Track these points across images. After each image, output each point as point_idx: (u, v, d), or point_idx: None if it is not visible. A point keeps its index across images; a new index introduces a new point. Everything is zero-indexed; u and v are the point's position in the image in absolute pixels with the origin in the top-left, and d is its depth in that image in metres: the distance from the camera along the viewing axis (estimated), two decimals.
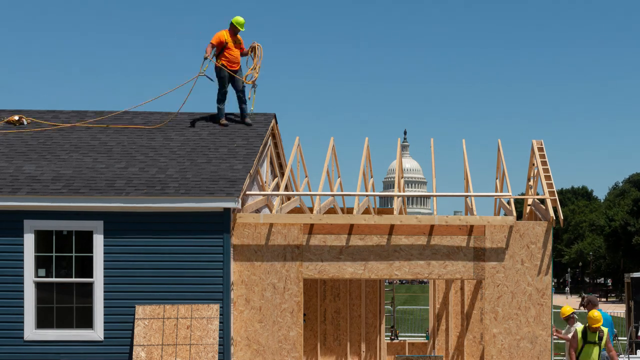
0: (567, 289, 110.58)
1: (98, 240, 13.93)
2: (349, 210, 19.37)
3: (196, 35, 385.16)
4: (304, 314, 17.04)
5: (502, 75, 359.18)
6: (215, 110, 17.19)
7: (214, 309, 13.85)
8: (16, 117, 16.80)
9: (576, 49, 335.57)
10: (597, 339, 14.80)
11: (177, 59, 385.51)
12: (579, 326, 15.32)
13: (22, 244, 13.87)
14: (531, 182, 17.71)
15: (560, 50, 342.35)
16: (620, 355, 19.64)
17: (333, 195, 17.00)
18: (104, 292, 13.91)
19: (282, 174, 18.42)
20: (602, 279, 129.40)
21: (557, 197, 14.95)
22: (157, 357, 13.64)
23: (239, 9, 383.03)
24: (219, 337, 13.89)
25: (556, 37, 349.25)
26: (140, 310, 13.83)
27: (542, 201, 15.36)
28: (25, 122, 16.71)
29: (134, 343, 13.68)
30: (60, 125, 16.63)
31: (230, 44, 16.51)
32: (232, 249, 14.13)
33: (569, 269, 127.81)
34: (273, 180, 18.15)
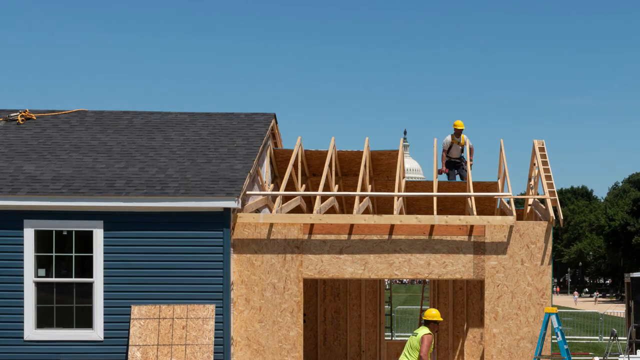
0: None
1: (98, 240, 13.93)
2: (349, 210, 19.38)
3: (196, 34, 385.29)
4: (304, 314, 17.04)
5: (503, 75, 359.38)
6: (218, 110, 17.22)
7: (209, 309, 13.85)
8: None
9: (577, 49, 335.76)
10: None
11: (177, 57, 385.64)
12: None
13: (22, 244, 13.87)
14: (532, 182, 17.72)
15: (561, 50, 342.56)
16: (620, 355, 19.62)
17: (333, 195, 16.99)
18: (104, 292, 13.92)
19: (282, 174, 18.42)
20: (602, 278, 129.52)
21: (557, 197, 14.96)
22: (152, 357, 13.64)
23: (240, 7, 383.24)
24: (219, 337, 13.90)
25: (557, 37, 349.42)
26: (136, 310, 13.84)
27: (542, 201, 15.37)
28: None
29: (130, 343, 13.69)
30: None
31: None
32: (232, 248, 14.13)
33: (568, 269, 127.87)
34: (273, 180, 18.15)
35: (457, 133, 19.74)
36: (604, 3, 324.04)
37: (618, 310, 44.74)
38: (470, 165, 19.06)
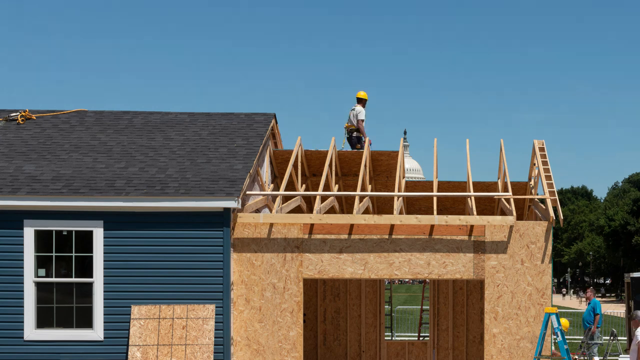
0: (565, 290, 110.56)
1: (98, 240, 13.93)
2: (349, 210, 19.37)
3: (196, 34, 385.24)
4: (304, 314, 17.05)
5: (504, 75, 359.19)
6: (218, 110, 17.22)
7: (209, 309, 13.85)
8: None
9: (577, 50, 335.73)
10: None
11: (177, 57, 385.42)
12: None
13: (22, 244, 13.87)
14: (532, 182, 17.72)
15: (561, 51, 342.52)
16: (621, 355, 19.66)
17: (333, 195, 16.99)
18: (104, 292, 13.92)
19: (282, 174, 18.42)
20: (602, 278, 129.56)
21: (557, 197, 14.97)
22: (152, 357, 13.64)
23: (240, 7, 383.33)
24: (219, 337, 13.90)
25: (557, 37, 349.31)
26: (136, 310, 13.84)
27: (542, 201, 15.37)
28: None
29: (130, 343, 13.70)
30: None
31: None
32: (232, 248, 14.13)
33: (568, 268, 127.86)
34: (273, 180, 18.15)
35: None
36: (605, 2, 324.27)
37: (618, 310, 44.73)
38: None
